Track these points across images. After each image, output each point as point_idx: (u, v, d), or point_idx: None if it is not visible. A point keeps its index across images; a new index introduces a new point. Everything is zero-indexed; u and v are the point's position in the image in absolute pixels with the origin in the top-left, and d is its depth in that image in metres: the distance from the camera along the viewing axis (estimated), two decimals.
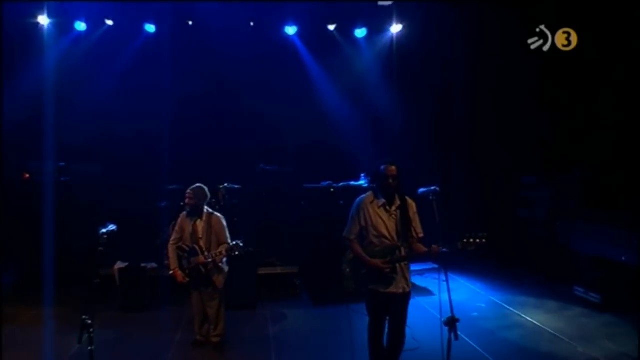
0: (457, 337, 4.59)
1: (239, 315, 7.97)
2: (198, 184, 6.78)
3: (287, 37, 10.71)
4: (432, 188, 5.05)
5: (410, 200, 5.47)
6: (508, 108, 10.29)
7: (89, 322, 4.49)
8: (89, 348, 4.54)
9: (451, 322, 4.60)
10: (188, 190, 6.70)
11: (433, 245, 5.13)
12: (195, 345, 6.91)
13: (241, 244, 6.38)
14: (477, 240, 4.90)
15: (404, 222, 5.36)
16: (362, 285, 5.49)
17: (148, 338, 7.31)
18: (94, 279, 7.40)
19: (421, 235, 5.43)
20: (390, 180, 5.30)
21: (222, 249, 6.41)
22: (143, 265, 8.63)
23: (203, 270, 6.48)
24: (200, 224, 6.63)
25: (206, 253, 6.45)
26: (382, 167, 5.36)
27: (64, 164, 9.42)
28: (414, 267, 6.44)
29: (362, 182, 9.53)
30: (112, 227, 5.22)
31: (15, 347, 6.64)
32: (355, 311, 7.52)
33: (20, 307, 8.20)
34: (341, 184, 9.53)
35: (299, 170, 9.92)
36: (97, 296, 8.01)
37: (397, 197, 5.42)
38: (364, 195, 5.56)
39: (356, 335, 6.32)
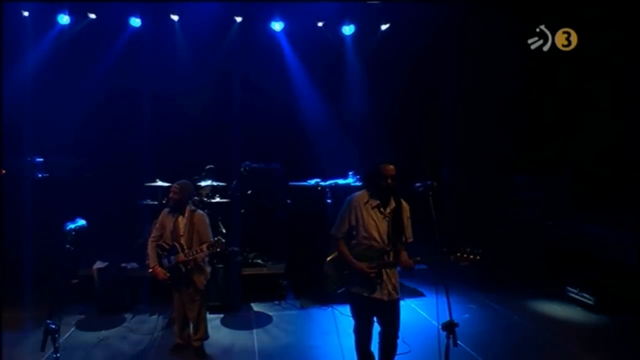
0: (455, 344, 4.33)
1: (222, 318, 7.72)
2: (185, 180, 6.52)
3: (274, 33, 10.44)
4: (429, 182, 4.80)
5: (405, 204, 5.23)
6: (498, 107, 10.14)
7: (54, 327, 4.14)
8: (55, 356, 4.21)
9: (449, 327, 4.34)
10: (174, 185, 6.41)
11: (417, 257, 5.00)
12: (175, 349, 6.61)
13: (223, 240, 6.09)
14: (471, 257, 4.73)
15: (396, 226, 5.11)
16: (344, 287, 5.26)
17: (127, 340, 7.00)
18: (66, 279, 7.21)
19: (410, 240, 5.20)
20: (389, 181, 5.05)
21: (204, 246, 6.12)
22: (123, 265, 8.32)
23: (183, 269, 6.19)
24: (182, 221, 6.33)
25: (187, 251, 6.16)
26: (380, 166, 5.10)
27: (42, 159, 9.09)
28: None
29: (350, 180, 9.31)
30: (81, 222, 4.93)
31: None
32: (342, 313, 7.41)
33: None
34: (329, 182, 9.27)
35: (286, 167, 9.63)
36: (75, 297, 7.97)
37: (392, 199, 5.17)
38: (357, 193, 5.28)
39: (345, 339, 6.16)
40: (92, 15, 9.86)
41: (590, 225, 8.47)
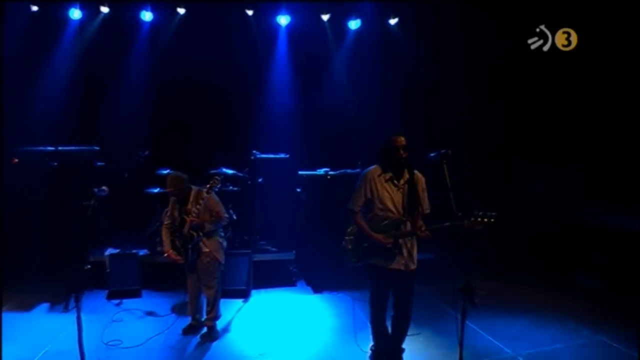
0: (473, 304, 4.40)
1: (234, 302, 7.82)
2: (171, 173, 6.67)
3: (280, 25, 10.51)
4: (443, 151, 4.85)
5: (419, 175, 5.31)
6: (505, 98, 10.20)
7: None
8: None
9: (466, 289, 4.41)
10: (167, 185, 6.50)
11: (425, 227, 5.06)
12: (189, 328, 6.70)
13: (218, 178, 6.45)
14: (485, 220, 4.68)
15: (412, 196, 5.20)
16: (363, 260, 5.32)
17: (141, 321, 7.14)
18: (84, 262, 7.33)
19: (427, 211, 5.26)
20: (401, 152, 5.13)
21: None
22: (134, 251, 8.40)
23: (195, 234, 6.29)
24: (191, 205, 6.42)
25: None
26: (392, 138, 5.19)
27: (53, 148, 9.16)
28: None
29: (359, 170, 9.37)
30: (104, 190, 5.17)
31: None
32: (354, 298, 7.49)
33: (6, 293, 7.86)
34: (338, 172, 9.34)
35: (295, 157, 9.69)
36: (87, 282, 8.03)
37: (406, 171, 5.25)
38: (370, 167, 5.38)
39: (358, 321, 6.30)
40: (105, 9, 9.89)
41: (599, 212, 8.52)
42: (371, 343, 5.61)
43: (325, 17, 10.44)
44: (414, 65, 10.48)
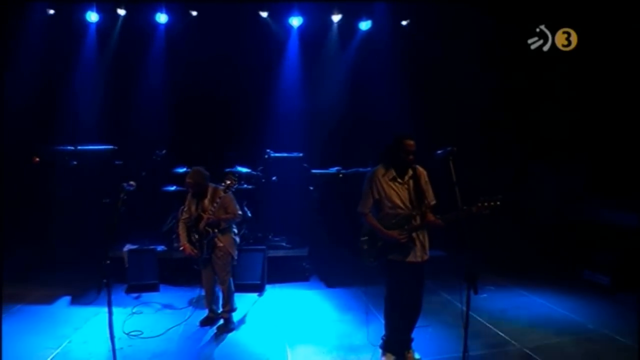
0: (476, 291, 4.61)
1: (249, 296, 8.06)
2: (195, 167, 6.86)
3: (292, 27, 10.73)
4: (449, 148, 5.07)
5: (420, 169, 5.54)
6: (513, 97, 10.31)
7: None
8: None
9: (470, 276, 4.62)
10: (189, 177, 6.74)
11: (438, 216, 5.25)
12: (206, 320, 6.95)
13: (235, 177, 6.71)
14: (492, 203, 4.89)
15: (417, 191, 5.42)
16: (380, 258, 5.52)
17: (160, 313, 7.41)
18: (105, 256, 7.61)
19: (433, 202, 5.48)
20: (411, 157, 5.38)
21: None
22: (152, 247, 8.66)
23: (210, 231, 6.55)
24: (207, 201, 6.68)
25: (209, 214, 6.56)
26: (404, 140, 5.40)
27: (73, 147, 9.44)
28: None
29: (370, 169, 9.53)
30: (132, 184, 5.45)
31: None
32: (365, 293, 7.68)
33: (29, 287, 8.26)
34: (350, 170, 9.54)
35: (308, 155, 9.89)
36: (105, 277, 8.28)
37: (409, 169, 5.47)
38: (374, 169, 5.63)
39: (371, 315, 6.46)
40: (122, 12, 10.13)
41: (606, 209, 8.64)
42: (383, 333, 5.82)
43: (336, 18, 10.65)
44: (424, 65, 10.66)
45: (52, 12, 9.93)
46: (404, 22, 10.78)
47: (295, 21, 10.61)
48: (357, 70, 11.03)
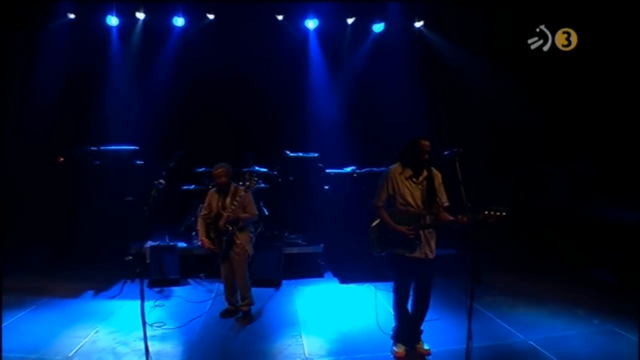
0: (479, 282, 4.87)
1: (267, 290, 8.35)
2: (222, 163, 7.11)
3: (308, 29, 11.00)
4: (455, 149, 5.32)
5: (435, 171, 5.80)
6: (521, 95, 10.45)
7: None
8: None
9: (473, 269, 4.88)
10: (220, 169, 7.00)
11: (459, 215, 5.36)
12: (225, 313, 7.27)
13: (256, 179, 6.92)
14: (498, 213, 5.07)
15: (430, 191, 5.69)
16: (386, 250, 5.82)
17: (179, 308, 7.68)
18: (127, 253, 8.00)
19: (446, 204, 5.73)
20: (425, 155, 5.64)
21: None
22: (173, 243, 8.99)
23: (230, 228, 6.85)
24: (228, 199, 6.98)
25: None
26: (419, 141, 5.67)
27: (96, 148, 9.75)
28: None
29: (384, 169, 9.75)
30: (162, 183, 5.78)
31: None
32: (378, 288, 7.95)
33: (55, 281, 8.61)
34: (364, 170, 9.81)
35: (323, 155, 10.15)
36: (127, 273, 8.61)
37: (424, 169, 5.75)
38: (392, 166, 5.90)
39: (381, 309, 6.72)
40: (141, 15, 10.45)
41: (612, 208, 8.82)
42: (393, 324, 6.11)
43: (350, 21, 10.92)
44: (437, 66, 10.89)
45: (72, 16, 10.30)
46: (417, 24, 10.99)
47: (311, 23, 10.87)
48: (371, 72, 11.26)
